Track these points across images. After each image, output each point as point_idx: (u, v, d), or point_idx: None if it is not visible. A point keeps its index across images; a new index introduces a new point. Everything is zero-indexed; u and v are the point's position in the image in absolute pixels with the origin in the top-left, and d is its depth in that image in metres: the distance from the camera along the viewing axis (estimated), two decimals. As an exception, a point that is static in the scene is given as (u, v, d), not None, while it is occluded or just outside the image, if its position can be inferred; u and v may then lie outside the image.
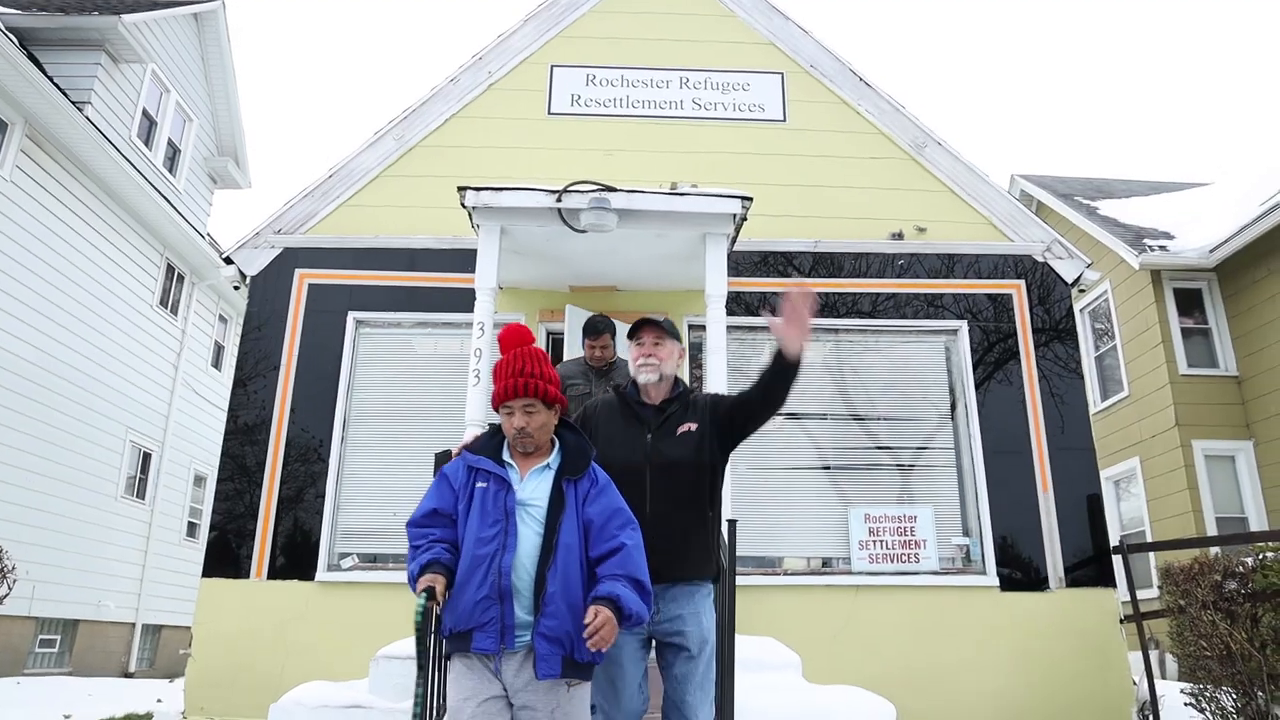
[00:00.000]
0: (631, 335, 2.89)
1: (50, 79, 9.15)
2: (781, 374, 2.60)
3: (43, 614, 9.55)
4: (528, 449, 2.40)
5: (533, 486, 2.36)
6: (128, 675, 11.07)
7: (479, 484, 2.35)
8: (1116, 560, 6.14)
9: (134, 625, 11.33)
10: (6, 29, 8.88)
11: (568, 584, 2.22)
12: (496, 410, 2.44)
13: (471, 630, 2.19)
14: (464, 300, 5.87)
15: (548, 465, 2.42)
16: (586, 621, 2.10)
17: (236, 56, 14.78)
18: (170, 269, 12.34)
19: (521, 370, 2.40)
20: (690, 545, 2.62)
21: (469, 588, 2.20)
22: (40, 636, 9.66)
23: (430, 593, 2.15)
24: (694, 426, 2.72)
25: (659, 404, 2.80)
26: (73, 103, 9.48)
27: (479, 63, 7.09)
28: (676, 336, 2.91)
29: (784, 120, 7.09)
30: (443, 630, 2.26)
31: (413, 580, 2.20)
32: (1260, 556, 5.54)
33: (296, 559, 5.93)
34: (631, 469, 2.62)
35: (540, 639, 2.18)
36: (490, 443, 2.47)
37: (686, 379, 4.66)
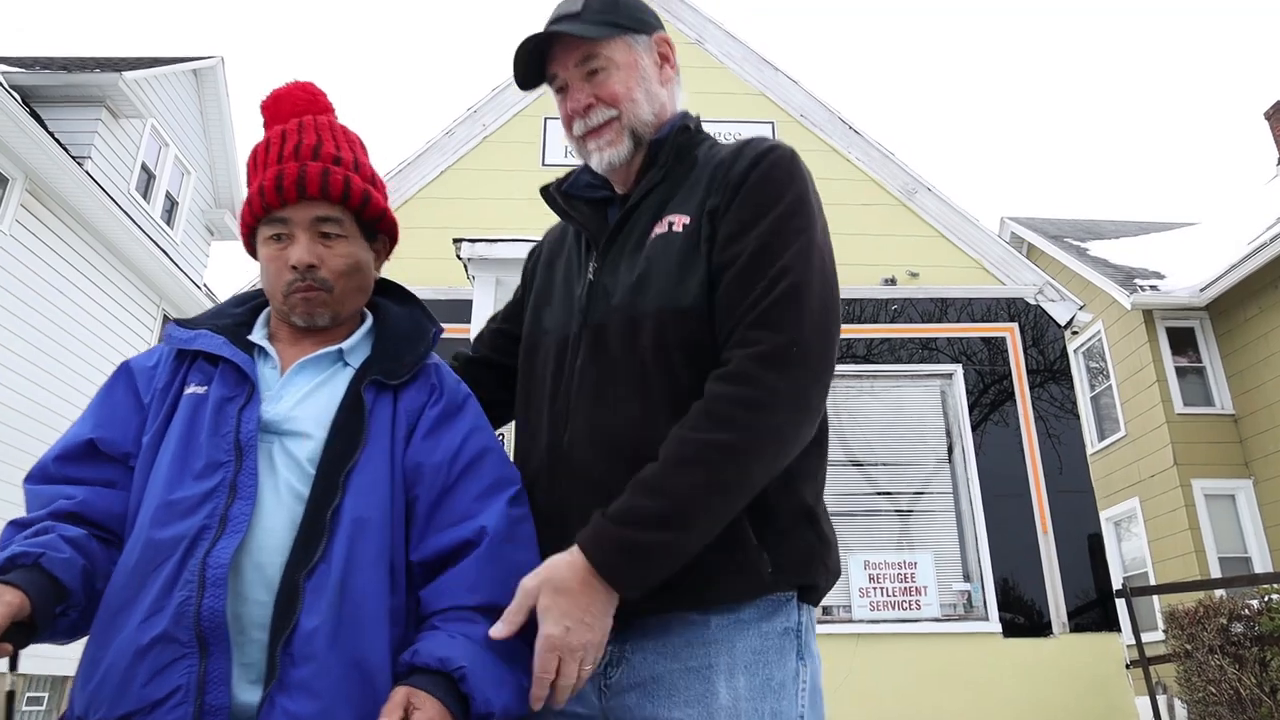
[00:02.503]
0: (528, 81, 1.37)
1: (52, 135, 9.28)
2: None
3: (30, 670, 9.36)
4: (315, 317, 1.23)
5: (300, 394, 1.18)
6: (116, 735, 10.82)
7: (191, 388, 1.16)
8: (1120, 603, 6.07)
9: (124, 683, 11.11)
10: (10, 87, 9.03)
11: (354, 613, 1.05)
12: (248, 241, 1.29)
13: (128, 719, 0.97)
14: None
15: (339, 356, 1.23)
16: None
17: (234, 110, 15.01)
18: (167, 320, 12.37)
19: (313, 149, 1.24)
20: None
21: (129, 616, 1.02)
22: (27, 694, 9.46)
23: None
24: (685, 220, 1.23)
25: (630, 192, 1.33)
26: (73, 157, 9.60)
27: (473, 116, 7.20)
28: (634, 25, 1.34)
29: (775, 168, 7.18)
30: None
31: None
32: (1266, 599, 5.50)
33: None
34: (558, 346, 1.28)
35: None
36: (231, 312, 1.30)
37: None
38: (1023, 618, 5.95)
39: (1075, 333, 7.12)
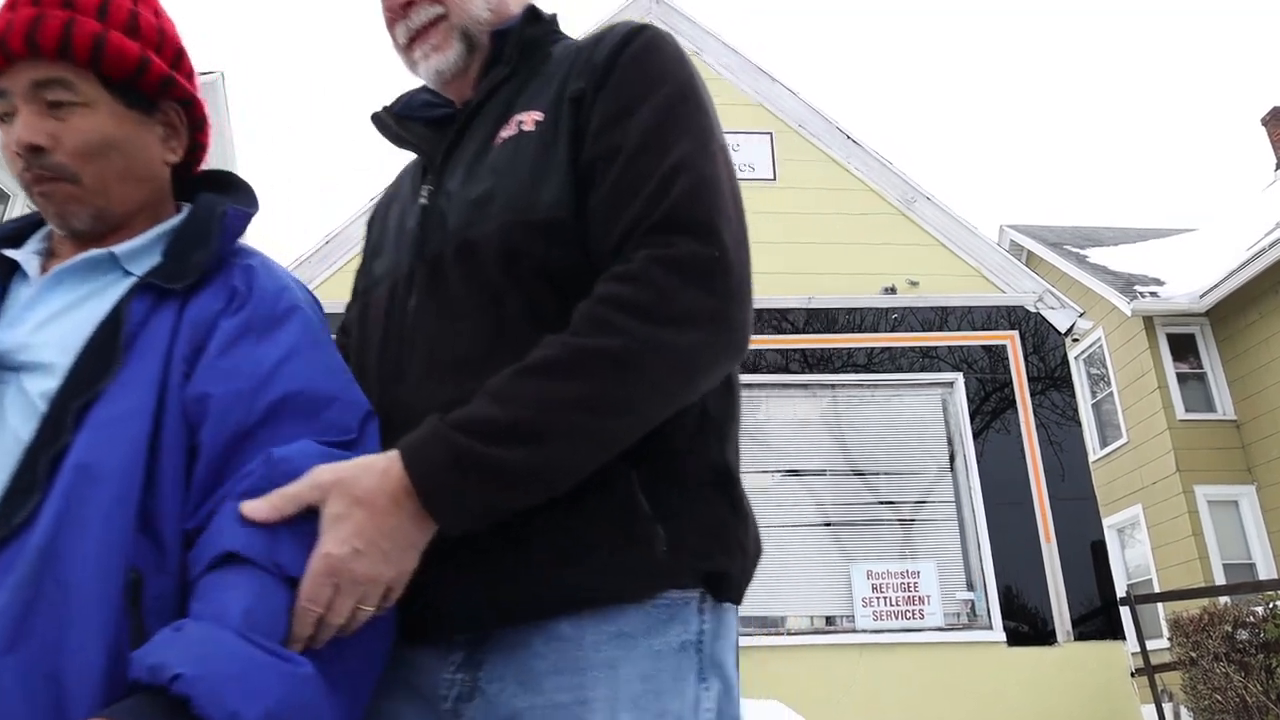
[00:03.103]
0: None
1: (52, 151, 9.34)
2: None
3: None
4: (69, 217, 0.94)
5: (48, 313, 0.89)
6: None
7: None
8: (1124, 611, 6.06)
9: None
10: (10, 104, 9.09)
11: (55, 603, 0.72)
12: None
13: None
14: (460, 362, 5.88)
15: (114, 261, 0.93)
16: None
17: (235, 126, 15.09)
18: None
19: None
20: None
21: None
22: None
23: None
24: (537, 116, 0.99)
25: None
26: (74, 174, 9.65)
27: (473, 128, 7.23)
28: None
29: (774, 179, 7.20)
30: None
31: None
32: (1271, 605, 5.48)
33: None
34: (390, 291, 1.04)
35: None
36: (8, 225, 1.07)
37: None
38: (1027, 626, 5.93)
39: (1076, 340, 7.14)
